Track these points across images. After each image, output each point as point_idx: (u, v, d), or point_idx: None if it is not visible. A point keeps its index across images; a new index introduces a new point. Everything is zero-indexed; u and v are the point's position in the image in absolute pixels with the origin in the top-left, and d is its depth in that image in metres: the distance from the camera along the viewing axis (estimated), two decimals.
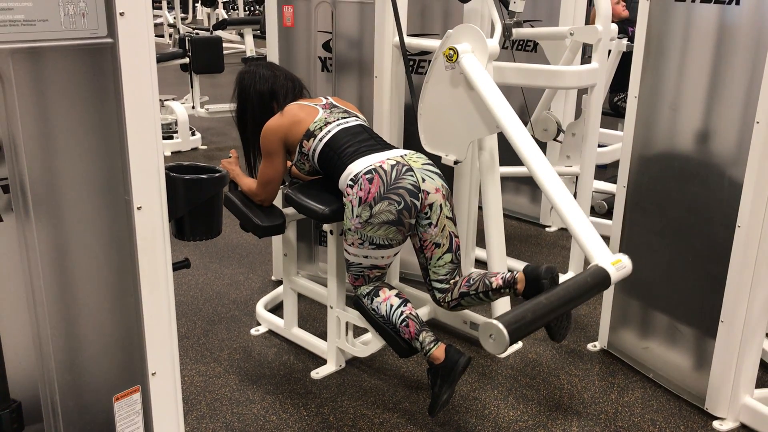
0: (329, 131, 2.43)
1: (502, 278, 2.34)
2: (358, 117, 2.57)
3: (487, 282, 2.35)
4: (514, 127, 2.38)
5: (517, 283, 2.30)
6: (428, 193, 2.30)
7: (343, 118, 2.49)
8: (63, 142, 1.27)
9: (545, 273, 2.26)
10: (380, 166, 2.28)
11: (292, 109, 2.51)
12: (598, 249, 2.07)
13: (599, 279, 1.96)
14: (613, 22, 5.17)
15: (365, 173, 2.28)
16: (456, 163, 2.69)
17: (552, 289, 1.89)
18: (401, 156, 2.35)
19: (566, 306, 1.88)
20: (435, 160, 2.53)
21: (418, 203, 2.27)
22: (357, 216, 2.28)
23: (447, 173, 2.54)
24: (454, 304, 2.42)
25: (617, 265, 2.01)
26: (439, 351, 2.29)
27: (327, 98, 2.61)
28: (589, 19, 4.04)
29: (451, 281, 2.42)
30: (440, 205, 2.33)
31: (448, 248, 2.39)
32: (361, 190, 2.27)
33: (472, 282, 2.37)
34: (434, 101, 2.67)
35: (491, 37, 2.71)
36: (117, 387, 1.44)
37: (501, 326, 1.66)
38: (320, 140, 2.42)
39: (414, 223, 2.32)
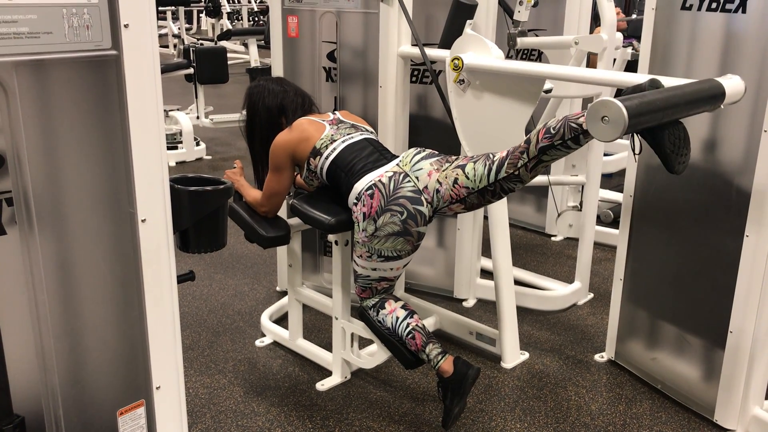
0: (335, 149, 2.42)
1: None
2: (365, 130, 2.56)
3: (574, 124, 1.94)
4: (546, 68, 2.34)
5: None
6: (426, 187, 2.26)
7: (348, 134, 2.48)
8: (67, 155, 1.26)
9: (649, 84, 1.86)
10: (379, 180, 2.27)
11: (302, 125, 2.51)
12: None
13: (711, 86, 1.73)
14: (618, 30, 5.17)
15: (366, 189, 2.28)
16: None
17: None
18: (396, 164, 2.33)
19: (682, 100, 1.61)
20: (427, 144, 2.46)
21: (423, 208, 2.25)
22: (363, 230, 2.28)
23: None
24: (534, 163, 2.06)
25: (729, 78, 1.82)
26: (447, 364, 2.27)
27: (335, 113, 2.61)
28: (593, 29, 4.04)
29: (497, 157, 2.15)
30: (437, 180, 2.25)
31: (462, 167, 2.21)
32: (364, 206, 2.26)
33: (553, 131, 1.99)
34: (472, 126, 2.60)
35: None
36: (121, 401, 1.43)
37: (620, 104, 1.40)
38: (326, 158, 2.42)
39: (423, 230, 2.29)
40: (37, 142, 1.22)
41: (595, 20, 3.86)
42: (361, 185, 2.31)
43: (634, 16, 6.39)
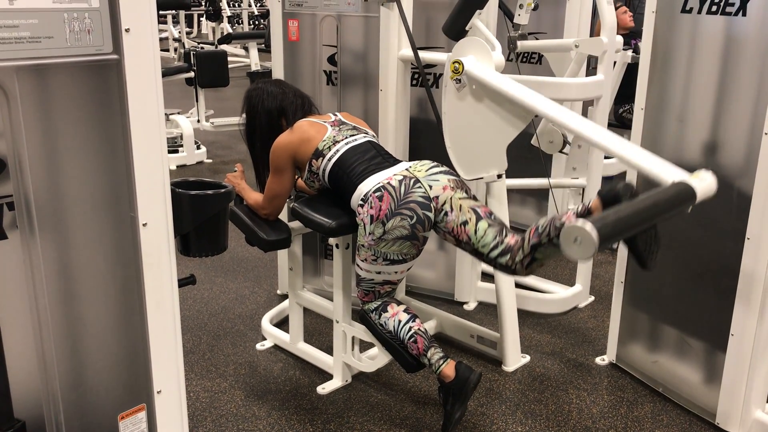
0: (338, 150, 2.42)
1: (574, 213, 2.14)
2: (367, 133, 2.56)
3: (557, 224, 2.10)
4: (542, 102, 2.33)
5: (593, 211, 2.08)
6: (438, 197, 2.28)
7: (351, 135, 2.48)
8: (68, 159, 1.26)
9: (623, 190, 1.99)
10: (388, 183, 2.27)
11: (302, 126, 2.51)
12: (673, 171, 1.92)
13: (683, 190, 1.79)
14: (619, 32, 5.18)
15: (374, 191, 2.27)
16: (500, 176, 2.64)
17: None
18: (406, 169, 2.33)
19: (651, 213, 1.68)
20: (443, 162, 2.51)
21: (431, 214, 2.25)
22: (370, 233, 2.27)
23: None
24: (528, 260, 2.16)
25: (699, 177, 1.85)
26: (449, 368, 2.27)
27: (336, 115, 2.61)
28: (594, 32, 4.04)
29: (507, 240, 2.22)
30: (450, 197, 2.28)
31: (477, 218, 2.26)
32: (372, 208, 2.26)
33: (541, 229, 2.13)
34: (458, 127, 2.60)
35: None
36: (122, 405, 1.43)
37: (588, 226, 1.48)
38: (329, 160, 2.41)
39: (429, 235, 2.30)
40: (38, 146, 1.22)
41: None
42: (366, 186, 2.30)
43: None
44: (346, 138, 2.46)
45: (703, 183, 1.86)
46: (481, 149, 2.62)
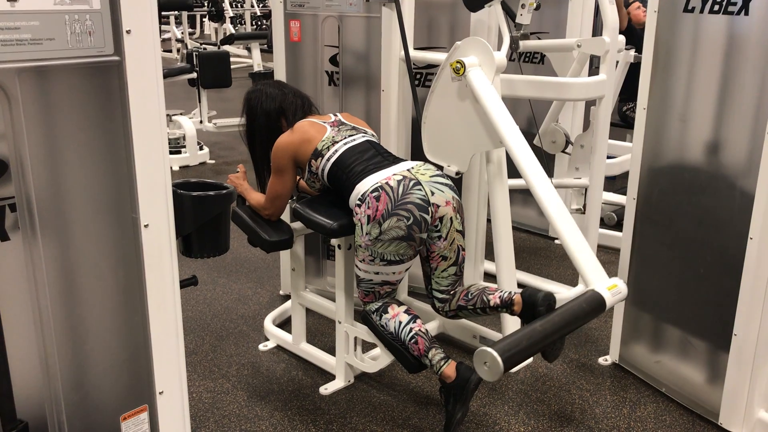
0: (336, 150, 2.42)
1: (500, 297, 2.38)
2: (366, 133, 2.56)
3: (485, 299, 2.40)
4: (516, 142, 2.39)
5: (513, 305, 2.34)
6: (438, 206, 2.28)
7: (350, 135, 2.48)
8: (70, 160, 1.26)
9: (542, 301, 2.27)
10: (386, 183, 2.27)
11: (303, 126, 2.51)
12: (594, 272, 2.10)
13: (594, 304, 1.99)
14: (637, 26, 5.17)
15: (372, 191, 2.27)
16: (458, 174, 2.68)
17: (548, 315, 1.90)
18: (408, 170, 2.33)
19: (561, 332, 1.91)
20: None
21: (428, 217, 2.26)
22: (367, 234, 2.27)
23: (455, 185, 2.52)
24: (452, 314, 2.48)
25: (613, 290, 2.03)
26: (450, 369, 2.27)
27: (336, 115, 2.61)
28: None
29: (451, 292, 2.46)
30: (450, 218, 2.31)
31: (454, 261, 2.40)
32: (369, 208, 2.26)
33: (470, 297, 2.42)
34: (439, 111, 2.66)
35: (498, 49, 2.70)
36: (124, 406, 1.43)
37: (495, 354, 1.69)
38: (328, 160, 2.42)
39: (425, 236, 2.31)
40: (39, 148, 1.22)
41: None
42: (364, 186, 2.30)
43: None
44: (345, 138, 2.46)
45: (616, 296, 2.02)
46: (450, 142, 2.67)
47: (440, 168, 2.64)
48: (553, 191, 2.27)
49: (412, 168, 2.34)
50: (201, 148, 6.15)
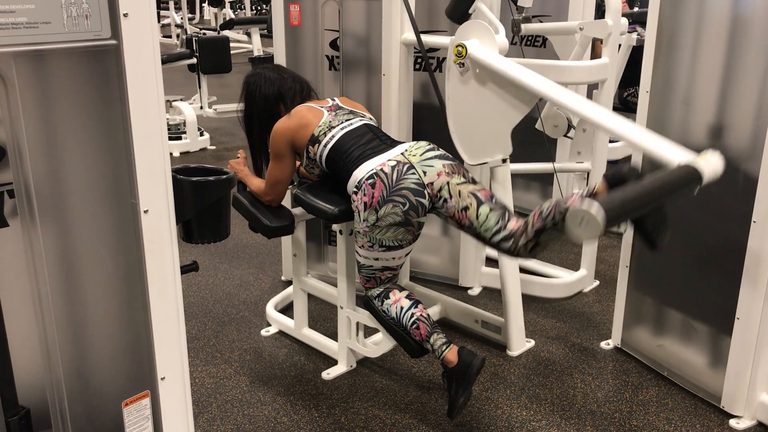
0: (333, 136, 2.40)
1: (579, 196, 2.06)
2: (364, 116, 2.54)
3: (562, 208, 2.04)
4: (548, 86, 2.31)
5: (598, 195, 2.02)
6: (432, 183, 2.25)
7: (347, 120, 2.47)
8: (68, 146, 1.25)
9: (629, 173, 1.96)
10: (381, 170, 2.25)
11: (300, 111, 2.49)
12: (679, 153, 1.89)
13: (689, 172, 1.78)
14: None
15: (367, 178, 2.25)
16: (504, 161, 2.63)
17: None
18: (402, 153, 2.31)
19: (657, 193, 1.67)
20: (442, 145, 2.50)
21: (425, 200, 2.24)
22: (364, 220, 2.26)
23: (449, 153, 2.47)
24: (532, 245, 2.13)
25: (705, 159, 1.84)
26: (451, 354, 2.27)
27: (333, 99, 2.59)
28: (595, 53, 4.01)
29: (510, 225, 2.20)
30: (446, 182, 2.25)
31: (479, 202, 2.23)
32: (365, 195, 2.25)
33: (545, 213, 2.08)
34: (462, 112, 2.59)
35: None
36: (126, 392, 1.43)
37: (594, 207, 1.46)
38: (325, 146, 2.40)
39: (425, 221, 2.29)
40: (37, 133, 1.21)
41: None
42: (360, 173, 2.29)
43: (636, 9, 6.32)
44: (342, 123, 2.44)
45: (710, 165, 1.85)
46: (485, 134, 2.60)
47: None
48: (602, 109, 2.18)
49: (406, 151, 2.32)
50: (201, 134, 6.13)
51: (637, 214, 1.77)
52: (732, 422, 2.41)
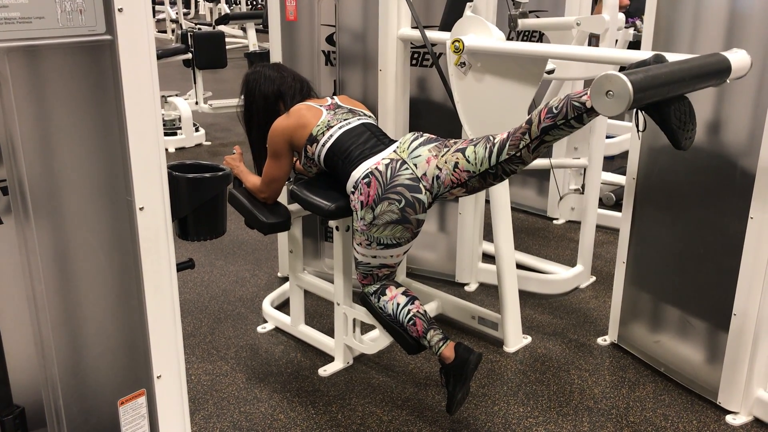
0: (332, 135, 2.39)
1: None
2: (363, 115, 2.53)
3: (577, 103, 1.89)
4: (547, 48, 2.30)
5: None
6: (425, 174, 2.23)
7: (345, 119, 2.45)
8: (62, 142, 1.24)
9: (654, 59, 1.81)
10: (375, 168, 2.25)
11: (299, 110, 2.48)
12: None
13: (718, 60, 1.73)
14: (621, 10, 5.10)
15: (363, 178, 2.25)
16: None
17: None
18: (394, 151, 2.30)
19: (686, 74, 1.60)
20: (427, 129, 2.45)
21: (421, 196, 2.22)
22: (361, 219, 2.26)
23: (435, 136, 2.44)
24: (536, 144, 2.02)
25: (734, 52, 1.80)
26: (448, 350, 2.26)
27: (333, 98, 2.58)
28: (594, 11, 3.99)
29: (497, 139, 2.12)
30: (435, 165, 2.21)
31: (462, 151, 2.18)
32: (361, 194, 2.24)
33: (556, 110, 1.94)
34: (475, 111, 2.57)
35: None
36: (122, 391, 1.42)
37: (624, 78, 1.39)
38: (323, 145, 2.39)
39: (422, 217, 2.27)
40: (31, 129, 1.20)
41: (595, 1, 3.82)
42: (358, 173, 2.28)
43: None
44: (340, 122, 2.43)
45: (738, 56, 1.79)
46: (503, 120, 2.54)
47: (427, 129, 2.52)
48: (620, 50, 2.19)
49: (398, 147, 2.31)
50: (197, 130, 6.11)
51: (664, 95, 1.64)
52: (728, 418, 2.41)
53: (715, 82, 1.78)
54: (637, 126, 1.85)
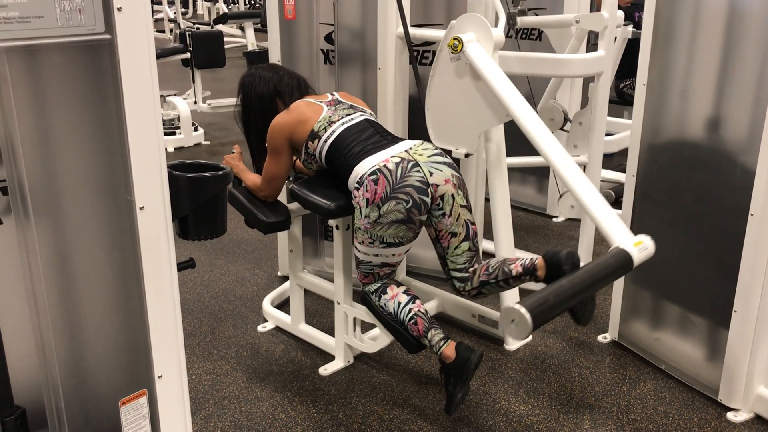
0: (334, 131, 2.38)
1: (521, 265, 2.29)
2: (364, 111, 2.52)
3: (506, 269, 2.31)
4: (524, 114, 2.33)
5: (537, 270, 2.25)
6: (438, 186, 2.26)
7: (347, 115, 2.45)
8: (62, 142, 1.24)
9: (566, 259, 2.20)
10: (384, 166, 2.24)
11: (299, 107, 2.48)
12: (619, 231, 1.99)
13: (622, 261, 1.90)
14: (620, 6, 5.12)
15: (370, 174, 2.24)
16: (467, 155, 2.64)
17: (574, 273, 1.82)
18: (406, 150, 2.30)
19: (589, 290, 1.82)
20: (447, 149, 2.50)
21: (427, 199, 2.23)
22: (366, 217, 2.25)
23: (455, 163, 2.49)
24: (475, 292, 2.39)
25: (639, 246, 1.93)
26: (449, 349, 2.26)
27: (333, 94, 2.57)
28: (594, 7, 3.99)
29: (470, 269, 2.38)
30: (452, 195, 2.28)
31: (465, 236, 2.35)
32: (367, 191, 2.23)
33: (491, 270, 2.34)
34: (441, 95, 2.62)
35: (495, 26, 2.66)
36: (123, 391, 1.42)
37: (523, 310, 1.59)
38: (325, 141, 2.38)
39: (425, 219, 2.28)
40: (31, 129, 1.20)
41: None
42: (362, 169, 2.27)
43: None
44: (342, 118, 2.43)
45: (643, 252, 1.94)
46: (456, 124, 2.62)
47: (448, 151, 2.60)
48: (567, 157, 2.21)
49: (410, 148, 2.31)
50: (196, 129, 6.10)
51: (565, 309, 1.90)
52: (729, 415, 2.41)
53: (615, 279, 2.06)
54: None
